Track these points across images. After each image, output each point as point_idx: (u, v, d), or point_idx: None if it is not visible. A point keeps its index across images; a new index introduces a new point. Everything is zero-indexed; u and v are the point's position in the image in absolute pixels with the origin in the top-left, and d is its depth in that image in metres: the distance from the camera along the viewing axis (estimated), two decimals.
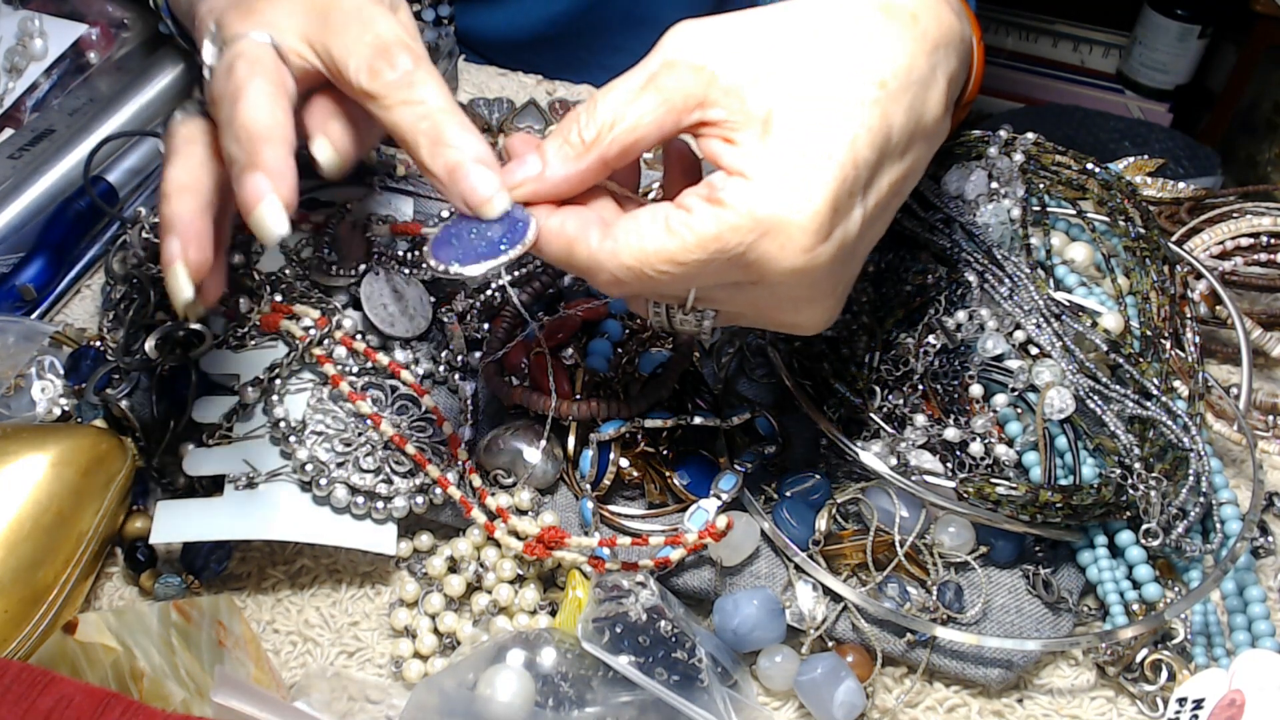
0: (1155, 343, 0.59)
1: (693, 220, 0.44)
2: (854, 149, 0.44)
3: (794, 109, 0.44)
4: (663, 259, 0.44)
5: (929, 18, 0.48)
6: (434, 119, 0.47)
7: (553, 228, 0.46)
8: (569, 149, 0.46)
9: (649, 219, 0.44)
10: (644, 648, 0.50)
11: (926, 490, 0.56)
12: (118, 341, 0.63)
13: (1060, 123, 1.37)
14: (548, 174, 0.46)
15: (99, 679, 0.46)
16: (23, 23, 0.81)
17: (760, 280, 0.45)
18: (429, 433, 0.59)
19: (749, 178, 0.44)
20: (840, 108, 0.44)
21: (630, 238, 0.44)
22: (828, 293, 0.48)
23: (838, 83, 0.45)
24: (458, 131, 0.47)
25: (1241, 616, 0.56)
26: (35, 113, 0.79)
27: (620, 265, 0.45)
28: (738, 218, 0.43)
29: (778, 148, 0.44)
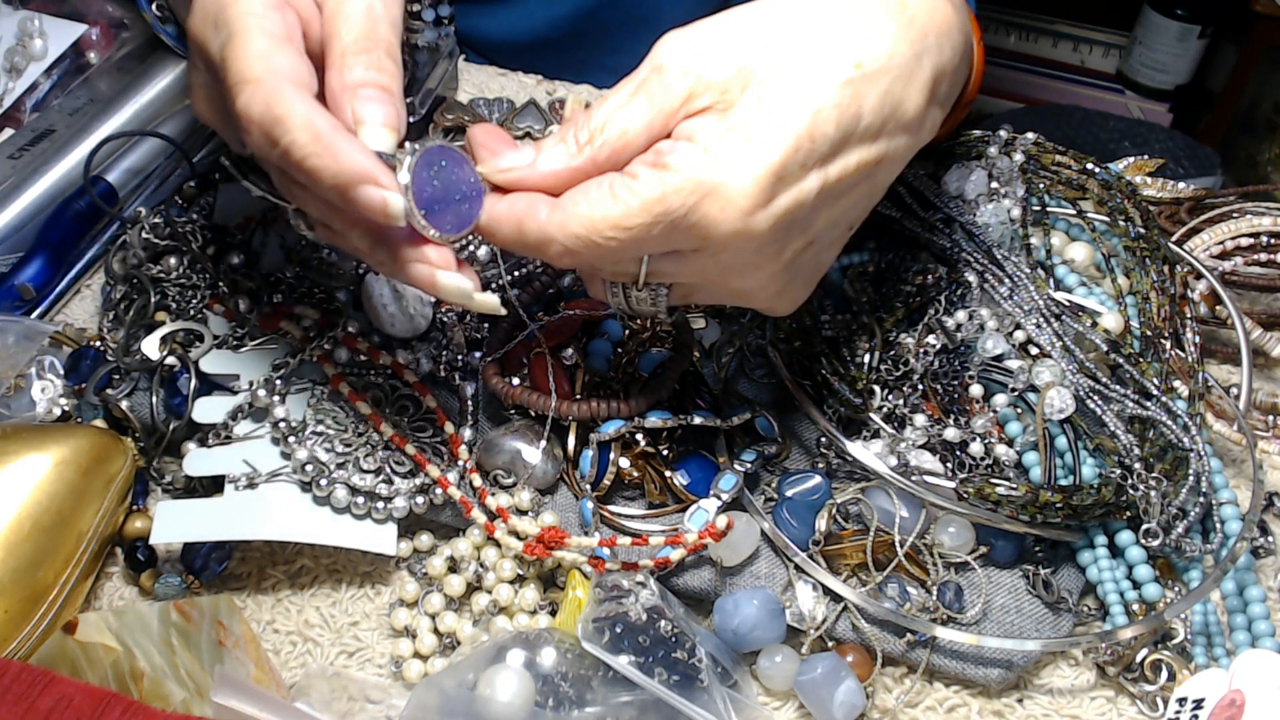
0: (1155, 343, 0.59)
1: (637, 185, 0.45)
2: (815, 122, 0.45)
3: (763, 82, 0.45)
4: (609, 224, 0.45)
5: (920, 6, 0.49)
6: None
7: (501, 210, 0.47)
8: (563, 148, 0.47)
9: (595, 187, 0.46)
10: (644, 648, 0.50)
11: (926, 490, 0.56)
12: (118, 341, 0.63)
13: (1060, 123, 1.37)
14: (539, 165, 0.47)
15: (99, 679, 0.46)
16: (23, 23, 0.81)
17: (704, 246, 0.46)
18: (429, 433, 0.59)
19: (695, 142, 0.45)
20: (809, 82, 0.46)
21: (578, 207, 0.45)
22: (776, 263, 0.48)
23: (813, 59, 0.46)
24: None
25: (1241, 616, 0.56)
26: (35, 113, 0.79)
27: (569, 235, 0.45)
28: (679, 180, 0.44)
29: (732, 116, 0.45)
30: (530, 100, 0.82)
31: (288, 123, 0.45)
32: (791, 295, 0.52)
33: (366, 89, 0.47)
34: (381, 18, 0.49)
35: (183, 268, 0.64)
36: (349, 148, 0.45)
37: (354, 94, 0.47)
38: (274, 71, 0.46)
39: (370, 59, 0.48)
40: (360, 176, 0.45)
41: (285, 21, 0.48)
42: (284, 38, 0.48)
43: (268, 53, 0.47)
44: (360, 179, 0.45)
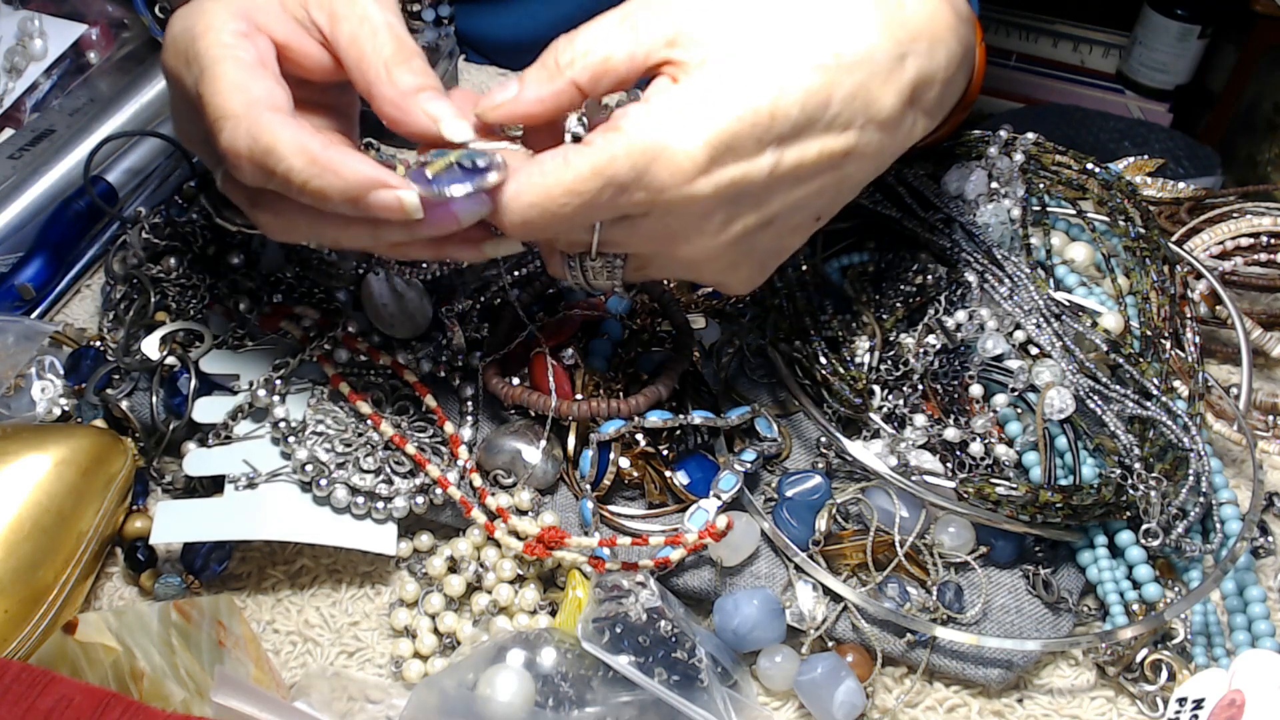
0: (1155, 343, 0.59)
1: (589, 150, 0.45)
2: (778, 99, 0.46)
3: (737, 50, 0.46)
4: (561, 190, 0.45)
5: (916, 7, 0.49)
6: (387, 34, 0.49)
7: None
8: (544, 72, 0.47)
9: (550, 157, 0.46)
10: (644, 648, 0.50)
11: (926, 490, 0.56)
12: (118, 341, 0.63)
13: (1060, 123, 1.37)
14: (524, 94, 0.48)
15: (99, 679, 0.46)
16: (23, 23, 0.81)
17: (651, 209, 0.47)
18: (429, 433, 0.59)
19: (649, 104, 0.46)
20: (782, 59, 0.46)
21: (533, 177, 0.46)
22: (723, 234, 0.49)
23: (792, 38, 0.46)
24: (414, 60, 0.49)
25: (1241, 616, 0.56)
26: (35, 113, 0.79)
27: (525, 204, 0.46)
28: (627, 141, 0.45)
29: (692, 82, 0.46)
30: None
31: (279, 151, 0.45)
32: (745, 274, 0.52)
33: (424, 92, 0.48)
34: (400, 28, 0.50)
35: (183, 268, 0.64)
36: (347, 160, 0.45)
37: (416, 98, 0.48)
38: (253, 102, 0.46)
39: (413, 66, 0.49)
40: (368, 183, 0.45)
41: (257, 48, 0.49)
42: (256, 64, 0.48)
43: (243, 83, 0.47)
44: (369, 185, 0.45)
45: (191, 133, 0.53)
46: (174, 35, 0.50)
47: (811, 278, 0.63)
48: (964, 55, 0.52)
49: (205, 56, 0.48)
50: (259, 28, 0.50)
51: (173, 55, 0.50)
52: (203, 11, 0.49)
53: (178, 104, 0.53)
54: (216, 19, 0.49)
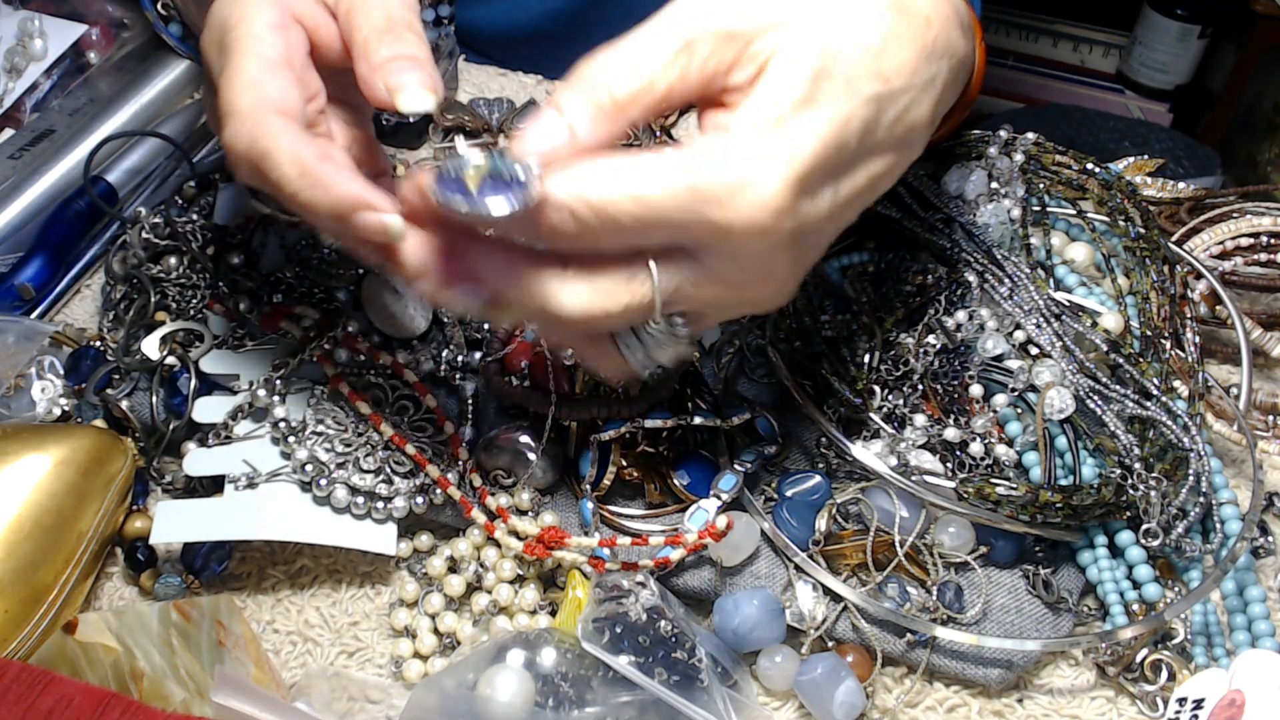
0: (1155, 343, 0.59)
1: (665, 163, 0.42)
2: (842, 133, 0.44)
3: (792, 79, 0.44)
4: (629, 196, 0.41)
5: (940, 26, 0.48)
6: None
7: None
8: (599, 111, 0.43)
9: (620, 159, 0.42)
10: (644, 648, 0.50)
11: (926, 490, 0.56)
12: (118, 341, 0.63)
13: (1060, 123, 1.37)
14: (581, 137, 0.43)
15: (99, 679, 0.46)
16: (23, 23, 0.81)
17: (719, 245, 0.44)
18: (429, 433, 0.59)
19: (730, 131, 0.43)
20: (842, 90, 0.44)
21: (596, 171, 0.42)
22: (782, 274, 0.47)
23: (847, 67, 0.45)
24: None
25: (1241, 616, 0.56)
26: (35, 113, 0.79)
27: (580, 200, 0.41)
28: (712, 165, 0.42)
29: (762, 111, 0.43)
30: (530, 100, 0.82)
31: (274, 157, 0.45)
32: (786, 296, 0.50)
33: (394, 62, 0.47)
34: (400, 7, 0.49)
35: (183, 268, 0.64)
36: (337, 177, 0.44)
37: (382, 69, 0.47)
38: (261, 102, 0.46)
39: (392, 37, 0.47)
40: (354, 204, 0.44)
41: (287, 41, 0.48)
42: (280, 62, 0.48)
43: (258, 80, 0.46)
44: (354, 206, 0.44)
45: (212, 115, 0.53)
46: (211, 23, 0.50)
47: (811, 278, 0.63)
48: (963, 66, 0.52)
49: (232, 47, 0.47)
50: (295, 17, 0.49)
51: (208, 41, 0.50)
52: (241, 1, 0.49)
53: (208, 87, 0.52)
54: (253, 8, 0.48)
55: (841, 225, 0.49)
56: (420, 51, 0.48)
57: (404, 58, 0.47)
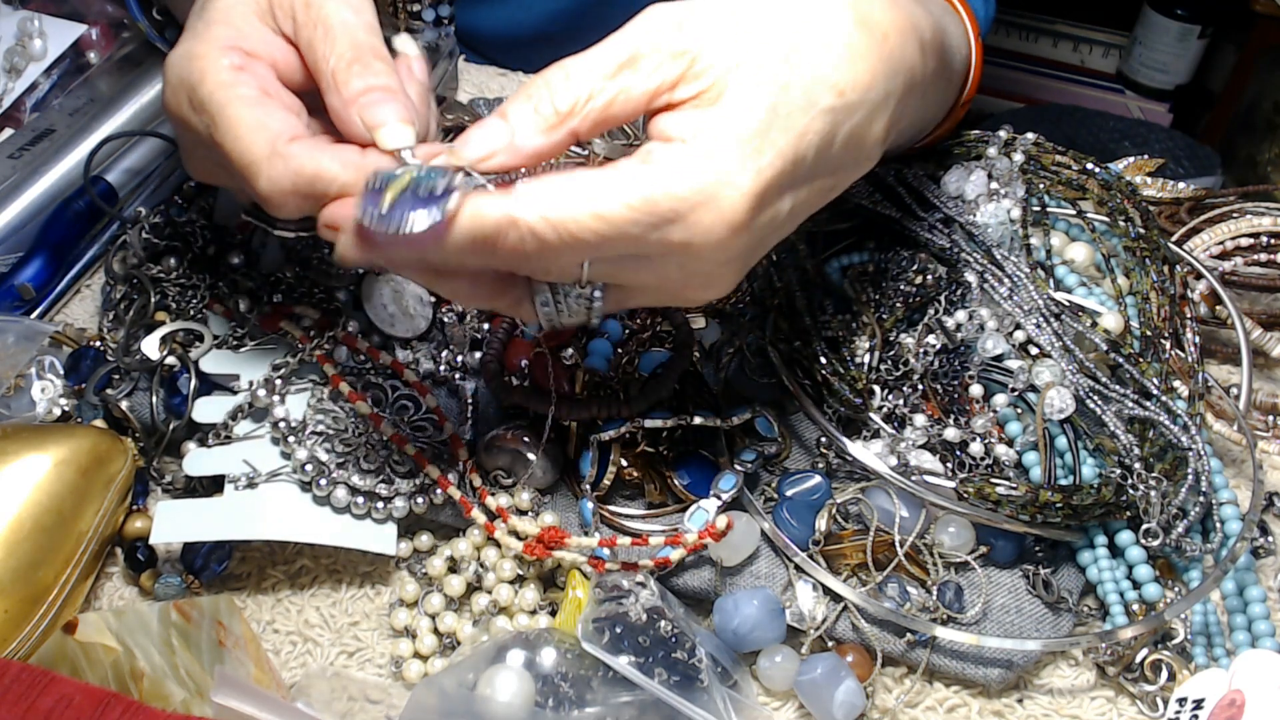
0: (1155, 343, 0.59)
1: (626, 178, 0.43)
2: (798, 148, 0.45)
3: (751, 93, 0.44)
4: (590, 214, 0.42)
5: (897, 42, 0.48)
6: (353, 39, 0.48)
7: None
8: (540, 119, 0.44)
9: (579, 175, 0.43)
10: (644, 648, 0.50)
11: (926, 490, 0.56)
12: (118, 341, 0.63)
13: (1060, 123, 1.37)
14: (518, 143, 0.44)
15: (99, 679, 0.46)
16: (23, 23, 0.81)
17: (680, 251, 0.44)
18: (429, 433, 0.59)
19: (688, 143, 0.43)
20: (798, 106, 0.45)
21: (557, 192, 0.42)
22: (723, 279, 0.47)
23: (801, 81, 0.45)
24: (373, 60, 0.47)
25: (1241, 616, 0.56)
26: (35, 113, 0.79)
27: (541, 220, 0.42)
28: (674, 181, 0.43)
29: (723, 123, 0.44)
30: None
31: (326, 175, 0.45)
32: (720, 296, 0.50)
33: (368, 95, 0.47)
34: (357, 26, 0.49)
35: (183, 267, 0.64)
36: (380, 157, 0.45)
37: (357, 104, 0.47)
38: (275, 138, 0.46)
39: (361, 68, 0.47)
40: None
41: (257, 79, 0.48)
42: (262, 97, 0.48)
43: (260, 122, 0.46)
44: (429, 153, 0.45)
45: (207, 171, 0.53)
46: (173, 86, 0.50)
47: (812, 278, 0.63)
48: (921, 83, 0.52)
49: (211, 103, 0.47)
50: (250, 55, 0.49)
51: (176, 104, 0.50)
52: (194, 55, 0.49)
53: (189, 145, 0.52)
54: (209, 60, 0.48)
55: (786, 234, 0.49)
56: (392, 81, 0.48)
57: (377, 89, 0.47)
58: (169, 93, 0.50)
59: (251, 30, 0.50)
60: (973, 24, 0.61)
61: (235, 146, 0.47)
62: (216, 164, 0.51)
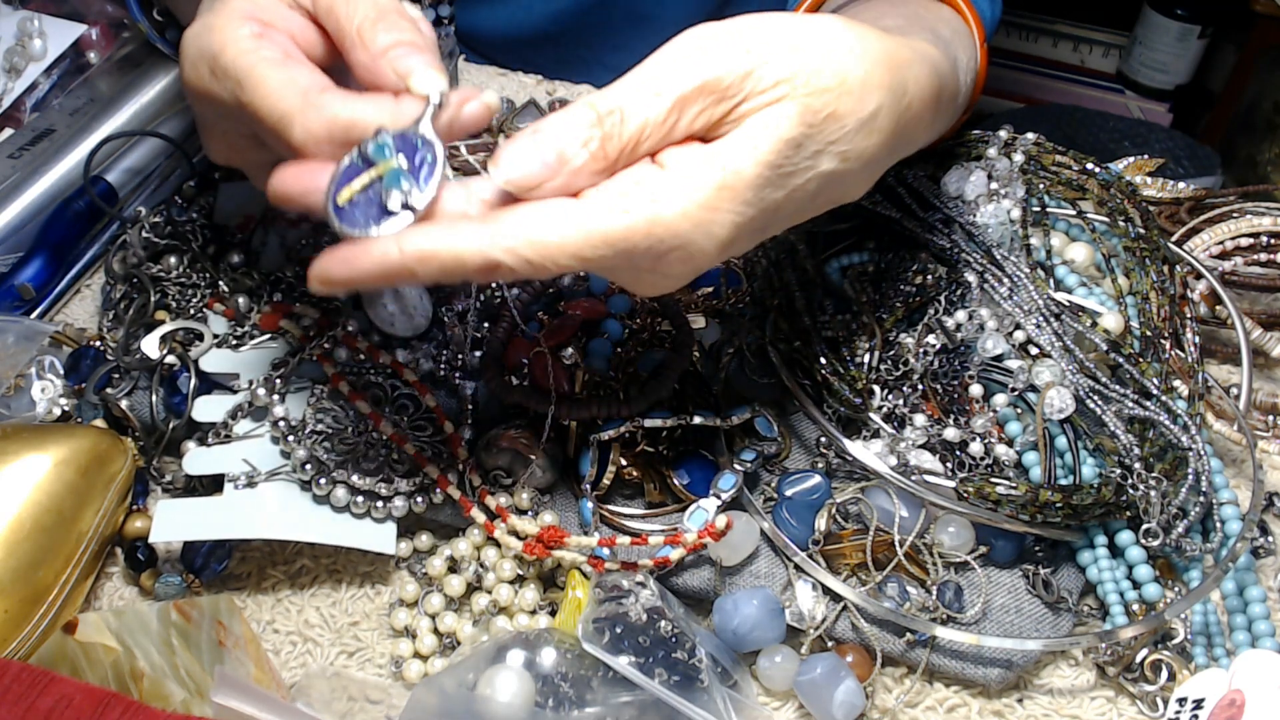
0: (1155, 343, 0.59)
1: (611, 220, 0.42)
2: (784, 200, 0.45)
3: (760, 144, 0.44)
4: (566, 252, 0.42)
5: (919, 110, 0.49)
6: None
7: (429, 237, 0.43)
8: (594, 160, 0.43)
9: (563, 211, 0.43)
10: (644, 648, 0.50)
11: (926, 490, 0.56)
12: (118, 341, 0.63)
13: (1060, 123, 1.37)
14: (569, 180, 0.43)
15: (99, 679, 0.46)
16: (22, 23, 0.81)
17: (647, 272, 0.45)
18: (429, 432, 0.59)
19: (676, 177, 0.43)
20: (800, 166, 0.45)
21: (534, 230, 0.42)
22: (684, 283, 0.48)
23: (815, 144, 0.45)
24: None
25: (1241, 616, 0.56)
26: (35, 113, 0.79)
27: (517, 257, 0.42)
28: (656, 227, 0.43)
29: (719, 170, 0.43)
30: (530, 100, 0.82)
31: (363, 121, 0.45)
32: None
33: (397, 49, 0.47)
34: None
35: (183, 267, 0.64)
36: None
37: (387, 57, 0.47)
38: (307, 90, 0.46)
39: (386, 24, 0.48)
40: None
41: (277, 43, 0.49)
42: (287, 59, 0.48)
43: (289, 78, 0.47)
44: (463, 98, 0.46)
45: (230, 151, 0.53)
46: (192, 58, 0.50)
47: (812, 278, 0.63)
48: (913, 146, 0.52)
49: (236, 67, 0.47)
50: (268, 24, 0.49)
51: (197, 76, 0.50)
52: (212, 27, 0.49)
53: (211, 120, 0.52)
54: (229, 30, 0.48)
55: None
56: (417, 37, 0.48)
57: (405, 43, 0.47)
58: (188, 67, 0.50)
59: (268, 3, 0.50)
60: (979, 31, 0.61)
61: (265, 103, 0.46)
62: (241, 136, 0.51)
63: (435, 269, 0.42)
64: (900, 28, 0.55)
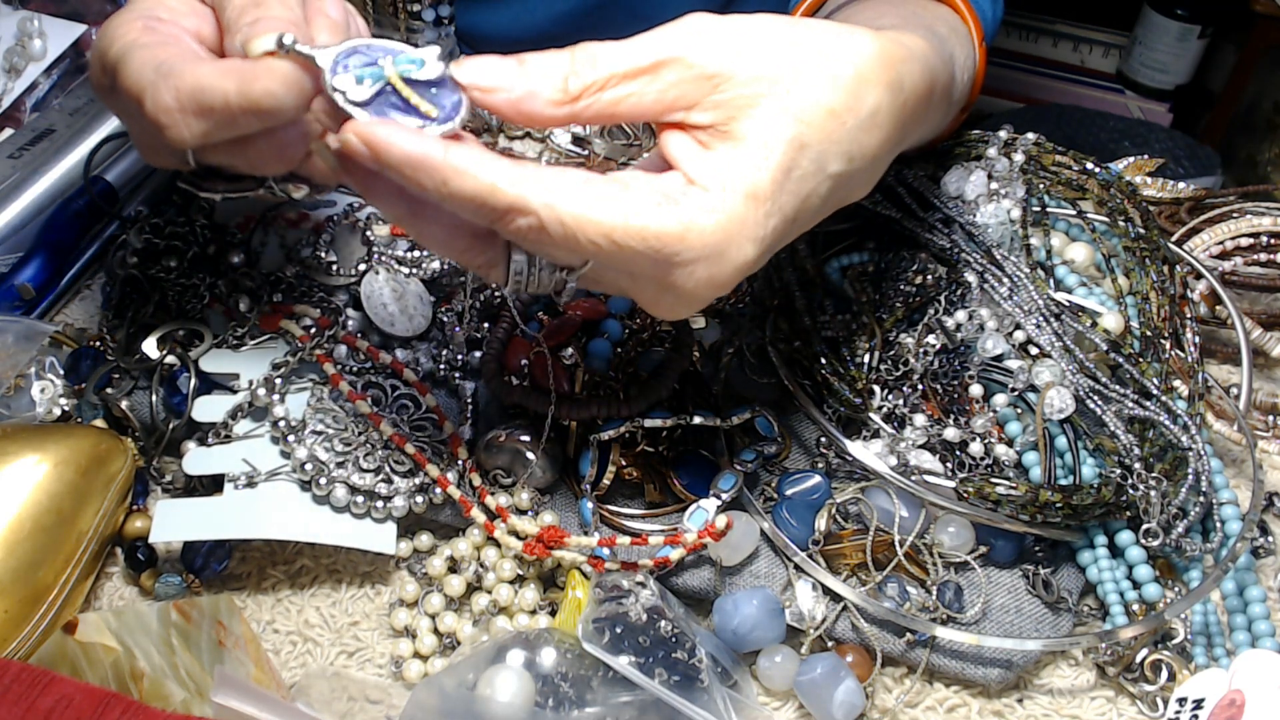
0: (1155, 343, 0.59)
1: (650, 215, 0.42)
2: (800, 209, 0.45)
3: (771, 149, 0.44)
4: (600, 230, 0.42)
5: (914, 107, 0.49)
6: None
7: (473, 156, 0.42)
8: (552, 89, 0.44)
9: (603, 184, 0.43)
10: (644, 648, 0.50)
11: (926, 490, 0.56)
12: (118, 341, 0.63)
13: (1060, 123, 1.37)
14: (523, 104, 0.43)
15: (99, 679, 0.46)
16: (22, 23, 0.81)
17: (668, 284, 0.45)
18: (429, 432, 0.59)
19: (711, 195, 0.43)
20: (809, 170, 0.45)
21: (574, 195, 0.42)
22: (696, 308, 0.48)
23: (819, 144, 0.45)
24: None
25: (1241, 616, 0.56)
26: (35, 113, 0.79)
27: (553, 216, 0.41)
28: (692, 234, 0.43)
29: (743, 182, 0.44)
30: None
31: (207, 87, 0.43)
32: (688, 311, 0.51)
33: (254, 25, 0.45)
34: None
35: (183, 267, 0.64)
36: (272, 64, 0.43)
37: (241, 33, 0.45)
38: (163, 63, 0.44)
39: (254, 8, 0.46)
40: (298, 77, 0.42)
41: (163, 35, 0.47)
42: (162, 43, 0.46)
43: (151, 57, 0.45)
44: (299, 78, 0.43)
45: (143, 142, 0.51)
46: (91, 62, 0.49)
47: (812, 278, 0.63)
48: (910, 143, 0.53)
49: (115, 56, 0.46)
50: (165, 21, 0.48)
51: (97, 78, 0.49)
52: (108, 26, 0.48)
53: (124, 122, 0.51)
54: (121, 27, 0.48)
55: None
56: (284, 14, 0.46)
57: (265, 18, 0.45)
58: (91, 73, 0.49)
59: (176, 3, 0.49)
60: (978, 31, 0.61)
61: (126, 83, 0.45)
62: (140, 131, 0.49)
63: (468, 191, 0.41)
64: (896, 26, 0.55)
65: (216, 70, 0.43)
